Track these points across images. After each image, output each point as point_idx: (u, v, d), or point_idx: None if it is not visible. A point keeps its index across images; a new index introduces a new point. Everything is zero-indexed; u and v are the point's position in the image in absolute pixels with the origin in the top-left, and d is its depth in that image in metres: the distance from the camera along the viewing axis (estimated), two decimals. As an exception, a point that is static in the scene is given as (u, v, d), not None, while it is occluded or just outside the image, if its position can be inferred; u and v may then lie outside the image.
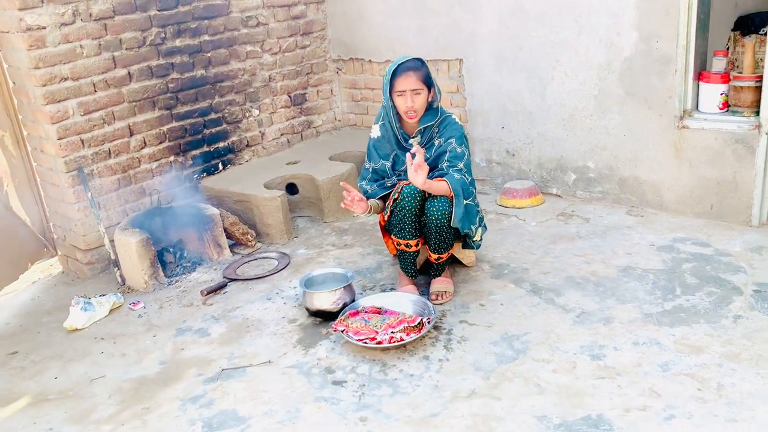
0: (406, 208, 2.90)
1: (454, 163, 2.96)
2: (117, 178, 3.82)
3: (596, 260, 3.29)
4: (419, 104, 2.92)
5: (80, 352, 3.01)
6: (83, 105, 3.61)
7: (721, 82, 3.39)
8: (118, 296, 3.41)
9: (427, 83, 2.92)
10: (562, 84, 3.90)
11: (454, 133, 3.00)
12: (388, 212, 2.98)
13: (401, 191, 2.92)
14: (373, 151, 3.15)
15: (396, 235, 3.00)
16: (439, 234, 2.94)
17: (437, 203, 2.89)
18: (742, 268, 3.06)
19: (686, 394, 2.30)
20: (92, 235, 3.71)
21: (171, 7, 3.93)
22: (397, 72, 2.90)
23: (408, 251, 3.03)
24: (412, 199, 2.88)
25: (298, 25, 4.70)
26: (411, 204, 2.89)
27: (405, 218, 2.92)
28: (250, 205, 3.96)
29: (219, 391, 2.61)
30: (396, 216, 2.94)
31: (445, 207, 2.88)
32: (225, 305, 3.28)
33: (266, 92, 4.58)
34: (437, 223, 2.90)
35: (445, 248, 3.01)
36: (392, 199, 2.95)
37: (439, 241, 2.97)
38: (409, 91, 2.88)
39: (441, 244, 2.99)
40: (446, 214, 2.88)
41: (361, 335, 2.72)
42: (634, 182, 3.80)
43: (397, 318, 2.76)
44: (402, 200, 2.91)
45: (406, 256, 3.06)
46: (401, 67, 2.89)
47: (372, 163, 3.15)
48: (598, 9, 3.62)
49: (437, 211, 2.88)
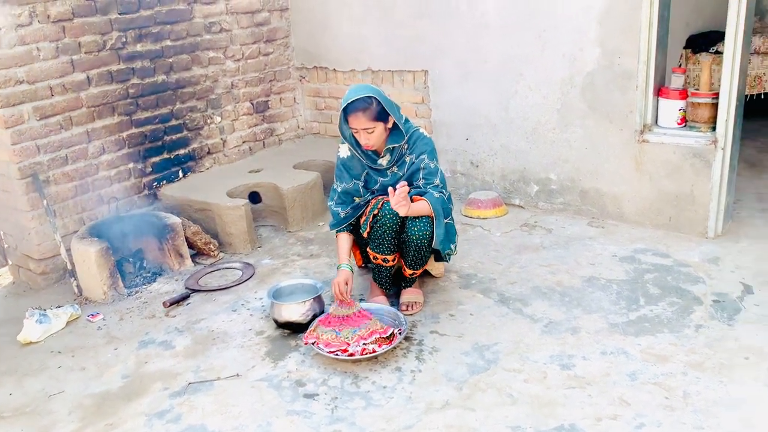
0: (386, 225, 2.89)
1: (431, 180, 2.94)
2: (74, 185, 3.70)
3: (561, 270, 3.35)
4: (374, 140, 2.84)
5: (36, 367, 2.89)
6: (39, 109, 3.49)
7: (680, 98, 3.50)
8: (76, 307, 3.29)
9: (380, 118, 2.81)
10: (526, 97, 3.96)
11: (425, 149, 2.96)
12: (367, 228, 2.96)
13: (382, 207, 2.90)
14: (344, 171, 3.05)
15: (374, 249, 2.98)
16: (418, 252, 2.95)
17: (419, 224, 2.88)
18: (701, 278, 3.16)
19: (654, 403, 2.35)
20: (47, 244, 3.58)
21: (132, 11, 3.84)
22: (347, 111, 2.80)
23: (385, 266, 3.01)
24: (394, 216, 2.87)
25: (261, 32, 4.65)
26: (392, 221, 2.88)
27: (385, 234, 2.91)
28: (212, 213, 3.88)
29: (186, 406, 2.53)
30: (376, 231, 2.93)
31: (426, 228, 2.89)
32: (189, 317, 3.20)
33: (228, 99, 4.51)
34: (417, 243, 2.91)
35: (420, 264, 3.03)
36: (372, 215, 2.93)
37: (417, 258, 2.98)
38: (362, 130, 2.81)
39: (417, 261, 3.01)
40: (427, 235, 2.90)
41: (333, 347, 2.69)
42: (595, 194, 3.88)
43: (368, 329, 2.74)
44: (383, 217, 2.89)
45: (381, 270, 3.04)
46: (350, 107, 2.77)
47: (343, 184, 3.05)
48: (561, 24, 3.70)
49: (418, 231, 2.89)
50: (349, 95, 2.80)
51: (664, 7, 3.42)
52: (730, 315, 2.84)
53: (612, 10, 3.51)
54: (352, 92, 2.81)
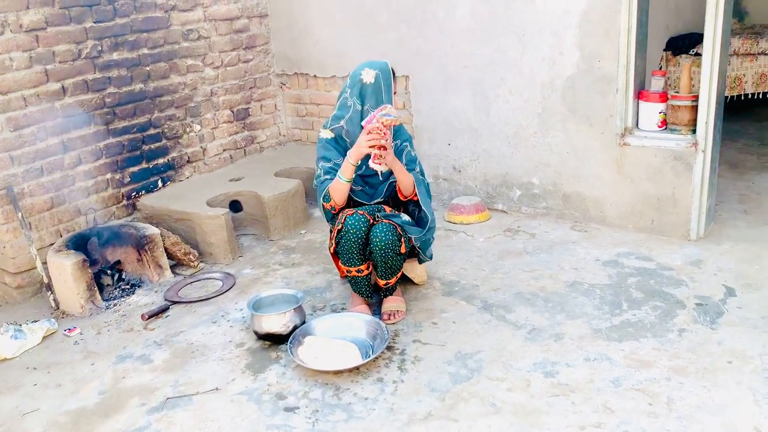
0: (351, 240, 2.84)
1: (412, 167, 2.99)
2: (50, 196, 3.63)
3: (544, 276, 3.33)
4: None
5: (10, 384, 2.82)
6: (12, 120, 3.42)
7: (660, 101, 3.50)
8: (52, 322, 3.22)
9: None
10: (507, 102, 3.95)
11: (407, 137, 3.08)
12: (333, 244, 2.92)
13: (345, 221, 2.84)
14: (331, 148, 2.98)
15: (345, 263, 2.94)
16: (385, 261, 2.90)
17: (380, 233, 2.84)
18: (683, 281, 3.15)
19: (638, 410, 2.33)
20: (22, 258, 3.51)
21: (108, 19, 3.79)
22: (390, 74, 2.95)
23: (360, 276, 2.98)
24: (357, 230, 2.83)
25: (240, 39, 4.61)
26: (356, 235, 2.83)
27: (351, 248, 2.86)
28: (192, 223, 3.83)
29: (164, 422, 2.48)
30: (342, 246, 2.88)
31: (388, 236, 2.84)
32: (168, 329, 3.14)
33: (208, 107, 4.47)
34: (383, 252, 2.86)
35: (392, 273, 2.98)
36: (336, 230, 2.88)
37: (386, 267, 2.93)
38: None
39: (388, 270, 2.95)
40: (389, 243, 2.85)
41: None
42: (577, 198, 3.87)
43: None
44: (347, 232, 2.84)
45: (358, 280, 3.00)
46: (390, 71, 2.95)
47: (332, 161, 2.96)
48: (541, 28, 3.69)
49: (381, 241, 2.84)
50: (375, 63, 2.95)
51: (643, 11, 3.42)
52: (713, 318, 2.83)
53: (591, 14, 3.50)
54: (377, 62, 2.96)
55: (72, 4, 3.60)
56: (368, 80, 2.91)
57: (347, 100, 2.95)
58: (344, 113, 2.96)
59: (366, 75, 2.91)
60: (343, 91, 3.00)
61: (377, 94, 2.92)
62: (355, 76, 2.95)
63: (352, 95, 2.94)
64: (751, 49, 5.13)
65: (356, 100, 2.94)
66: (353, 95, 2.94)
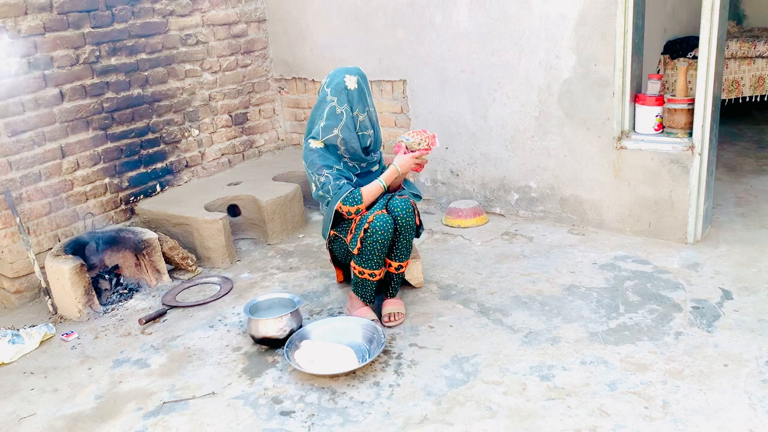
0: (379, 241, 2.85)
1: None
2: (48, 201, 3.64)
3: (541, 279, 3.33)
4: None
5: (8, 389, 2.82)
6: (11, 125, 3.43)
7: (656, 104, 3.51)
8: (50, 327, 3.23)
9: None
10: (504, 106, 3.96)
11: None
12: (357, 244, 2.90)
13: (373, 222, 2.85)
14: (328, 156, 3.00)
15: (362, 264, 2.94)
16: (407, 232, 2.94)
17: (400, 202, 2.92)
18: (680, 284, 3.15)
19: (634, 413, 2.33)
20: (21, 262, 3.51)
21: (106, 25, 3.80)
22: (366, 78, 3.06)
23: (371, 280, 2.98)
24: (385, 231, 2.85)
25: (238, 43, 4.62)
26: (384, 236, 2.85)
27: (377, 249, 2.88)
28: (189, 228, 3.84)
29: (160, 426, 2.48)
30: (369, 247, 2.87)
31: (407, 204, 2.93)
32: (165, 334, 3.15)
33: (206, 111, 4.48)
34: (405, 221, 2.91)
35: (408, 250, 3.02)
36: (363, 229, 2.87)
37: (406, 241, 2.97)
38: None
39: (406, 247, 2.99)
40: (410, 212, 2.92)
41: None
42: (574, 201, 3.87)
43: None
44: (375, 232, 2.85)
45: (367, 284, 3.00)
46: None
47: (334, 167, 2.98)
48: (537, 33, 3.70)
49: (403, 210, 2.90)
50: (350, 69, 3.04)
51: (639, 15, 3.43)
52: (709, 321, 2.83)
53: (587, 18, 3.51)
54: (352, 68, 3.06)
55: (70, 10, 3.62)
56: (352, 86, 2.98)
57: (336, 108, 2.97)
58: (336, 122, 2.98)
59: (349, 82, 2.98)
60: (323, 100, 3.01)
61: (362, 99, 3.01)
62: (338, 84, 2.97)
63: (340, 103, 2.97)
64: (749, 53, 5.14)
65: (346, 108, 2.98)
66: (342, 103, 2.97)
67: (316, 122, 3.03)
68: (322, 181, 2.96)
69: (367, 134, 3.06)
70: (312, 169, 3.00)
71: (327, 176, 2.95)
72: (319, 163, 2.98)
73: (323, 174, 2.96)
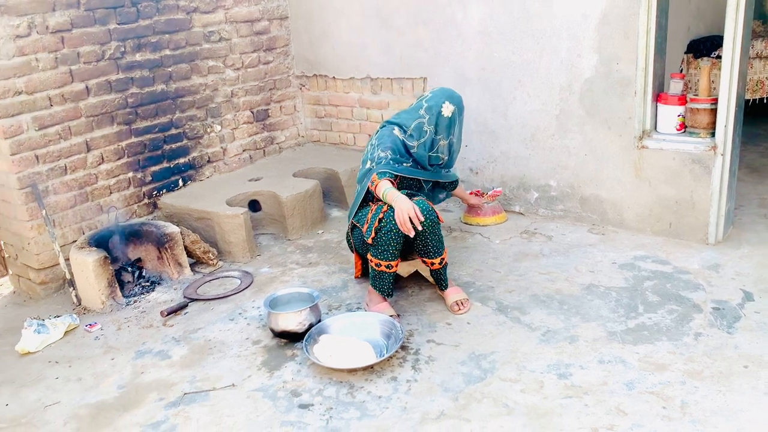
0: (393, 231, 2.88)
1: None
2: (73, 194, 3.71)
3: (560, 278, 3.33)
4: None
5: (33, 377, 2.89)
6: (38, 120, 3.50)
7: (679, 104, 3.48)
8: (74, 317, 3.29)
9: None
10: (524, 104, 3.95)
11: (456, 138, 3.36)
12: (372, 233, 2.93)
13: (387, 212, 2.89)
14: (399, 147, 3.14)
15: (378, 256, 2.96)
16: (433, 230, 2.96)
17: (420, 203, 2.93)
18: (700, 285, 3.13)
19: (652, 413, 2.33)
20: (46, 254, 3.59)
21: (131, 21, 3.86)
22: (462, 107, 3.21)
23: (388, 272, 3.00)
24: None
25: (261, 40, 4.66)
26: (398, 226, 2.85)
27: (391, 240, 2.90)
28: (211, 222, 3.89)
29: (181, 417, 2.52)
30: (383, 236, 2.90)
31: (426, 205, 2.95)
32: (186, 326, 3.19)
33: (228, 108, 4.52)
34: (430, 220, 2.92)
35: (440, 247, 3.04)
36: (378, 219, 2.90)
37: (435, 238, 2.99)
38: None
39: (436, 244, 3.02)
40: (431, 210, 2.94)
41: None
42: (595, 201, 3.86)
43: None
44: (389, 222, 2.88)
45: (384, 277, 3.02)
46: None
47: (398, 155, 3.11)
48: (559, 31, 3.69)
49: (425, 209, 2.92)
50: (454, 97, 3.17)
51: (662, 14, 3.41)
52: (729, 323, 2.81)
53: (609, 17, 3.49)
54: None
55: (97, 6, 3.68)
56: (447, 114, 3.12)
57: (423, 125, 3.13)
58: (419, 136, 3.15)
59: (446, 109, 3.12)
60: (416, 110, 3.17)
61: (450, 128, 3.17)
62: (435, 106, 3.12)
63: (429, 123, 3.13)
64: (774, 52, 5.07)
65: (432, 129, 3.13)
66: (430, 123, 3.13)
67: (405, 122, 3.17)
68: (380, 156, 3.08)
69: (441, 157, 3.25)
70: (379, 142, 3.13)
71: (386, 156, 3.08)
72: (389, 144, 3.12)
73: (387, 152, 3.09)
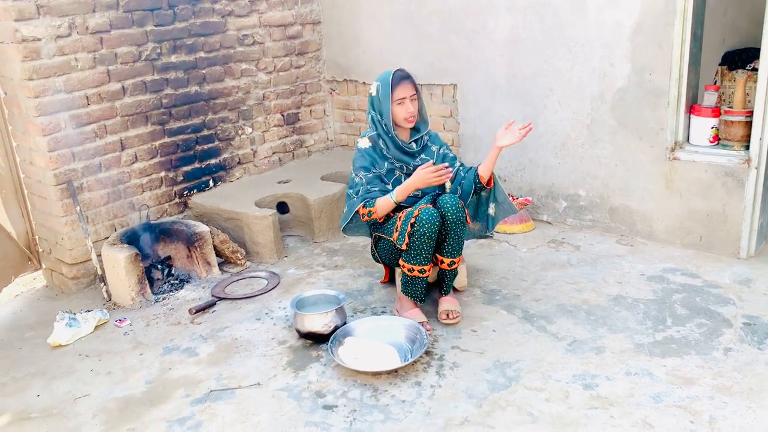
0: (427, 234, 2.87)
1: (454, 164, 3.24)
2: (107, 192, 3.78)
3: (587, 288, 3.30)
4: (416, 109, 3.08)
5: (64, 370, 2.95)
6: (75, 118, 3.58)
7: (712, 115, 3.45)
8: (104, 312, 3.36)
9: (418, 91, 3.10)
10: (555, 112, 3.94)
11: (442, 143, 3.29)
12: (405, 239, 2.90)
13: (419, 215, 2.86)
14: (372, 158, 3.10)
15: (410, 261, 2.96)
16: (456, 228, 2.96)
17: (449, 199, 2.95)
18: (731, 300, 3.09)
19: (679, 427, 2.30)
20: (79, 250, 3.66)
21: (168, 23, 3.93)
22: (395, 79, 3.02)
23: (421, 276, 3.00)
24: (432, 224, 2.86)
25: (293, 45, 4.71)
26: (431, 229, 2.86)
27: (426, 243, 2.89)
28: (240, 223, 3.93)
29: (207, 413, 2.56)
30: (416, 241, 2.89)
31: (456, 201, 2.96)
32: (213, 324, 3.24)
33: (260, 110, 4.58)
34: (455, 217, 2.93)
35: (459, 247, 3.03)
36: (410, 224, 2.88)
37: (457, 237, 2.98)
38: (408, 98, 3.04)
39: (457, 243, 3.00)
40: (459, 208, 2.95)
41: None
42: (624, 211, 3.83)
43: None
44: (422, 225, 2.86)
45: (417, 282, 3.01)
46: (396, 76, 3.03)
47: (372, 170, 3.08)
48: (592, 40, 3.67)
49: (452, 207, 2.93)
50: (387, 72, 3.04)
51: (698, 25, 3.38)
52: (761, 338, 2.77)
53: (643, 27, 3.47)
54: (388, 71, 3.05)
55: (135, 8, 3.76)
56: (373, 93, 3.10)
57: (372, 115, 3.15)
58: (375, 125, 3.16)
59: (372, 90, 3.11)
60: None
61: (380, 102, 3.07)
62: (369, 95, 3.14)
63: (370, 110, 3.15)
64: (812, 66, 4.97)
65: (374, 113, 3.12)
66: (371, 110, 3.14)
67: (369, 127, 3.18)
68: (356, 181, 3.09)
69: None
70: (353, 166, 3.13)
71: (361, 178, 3.07)
72: (359, 164, 3.11)
73: (359, 175, 3.08)
